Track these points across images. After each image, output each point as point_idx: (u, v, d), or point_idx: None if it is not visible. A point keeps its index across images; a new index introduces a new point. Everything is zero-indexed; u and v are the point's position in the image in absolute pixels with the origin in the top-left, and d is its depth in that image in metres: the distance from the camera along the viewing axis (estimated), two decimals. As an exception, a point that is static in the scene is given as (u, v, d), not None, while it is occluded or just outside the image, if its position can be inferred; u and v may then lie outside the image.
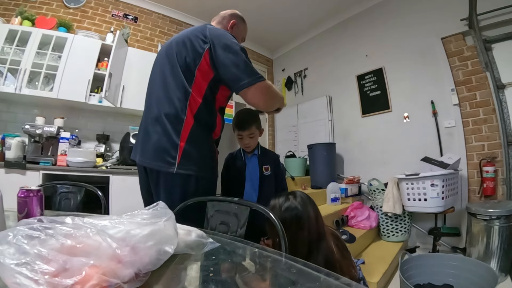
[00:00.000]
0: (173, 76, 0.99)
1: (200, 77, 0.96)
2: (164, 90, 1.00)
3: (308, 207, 0.95)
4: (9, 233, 0.36)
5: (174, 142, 0.95)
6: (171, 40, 1.08)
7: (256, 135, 1.37)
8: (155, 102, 1.03)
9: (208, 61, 0.95)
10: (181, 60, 0.98)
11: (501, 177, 2.11)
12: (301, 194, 1.00)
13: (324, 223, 1.01)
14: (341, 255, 0.97)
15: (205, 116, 1.00)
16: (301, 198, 0.97)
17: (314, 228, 0.93)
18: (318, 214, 0.98)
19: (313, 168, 3.17)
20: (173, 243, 0.49)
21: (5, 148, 2.01)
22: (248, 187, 1.38)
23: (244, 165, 1.40)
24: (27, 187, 0.65)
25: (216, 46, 0.94)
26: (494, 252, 1.70)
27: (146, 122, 1.04)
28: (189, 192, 0.97)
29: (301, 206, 0.94)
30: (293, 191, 1.03)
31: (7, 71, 2.17)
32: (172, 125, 0.96)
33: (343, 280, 0.43)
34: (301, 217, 0.92)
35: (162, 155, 0.95)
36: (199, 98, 0.97)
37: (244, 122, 1.33)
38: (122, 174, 2.19)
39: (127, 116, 2.79)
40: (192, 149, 0.96)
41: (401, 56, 2.84)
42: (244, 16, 1.24)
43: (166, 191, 0.98)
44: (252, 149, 1.41)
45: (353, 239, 2.00)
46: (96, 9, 2.87)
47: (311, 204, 0.97)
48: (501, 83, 2.16)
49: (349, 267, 0.98)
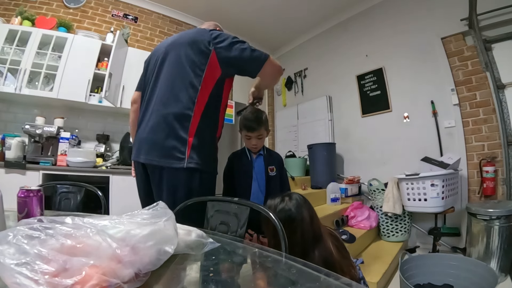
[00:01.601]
0: (180, 76, 1.02)
1: (208, 75, 1.01)
2: (171, 89, 1.02)
3: (302, 209, 0.95)
4: (9, 233, 0.36)
5: (182, 138, 0.97)
6: (172, 41, 1.10)
7: (264, 136, 1.38)
8: (160, 100, 1.04)
9: (216, 59, 1.00)
10: (188, 59, 1.01)
11: (501, 177, 2.11)
12: (297, 196, 1.00)
13: (321, 224, 1.01)
14: (341, 255, 0.97)
15: (211, 113, 1.04)
16: (296, 200, 0.98)
17: (309, 229, 0.93)
18: (314, 216, 0.98)
19: (313, 168, 3.17)
20: (173, 243, 0.49)
21: (5, 148, 2.01)
22: (255, 187, 1.38)
23: (250, 165, 1.40)
24: (27, 187, 0.65)
25: (224, 42, 1.00)
26: (494, 252, 1.70)
27: (149, 120, 1.04)
28: (193, 187, 0.98)
29: (295, 208, 0.94)
30: (289, 193, 1.03)
31: (7, 71, 2.17)
32: (179, 122, 0.98)
33: (343, 280, 0.43)
34: (294, 219, 0.92)
35: (171, 152, 0.97)
36: (207, 96, 1.01)
37: (254, 123, 1.33)
38: (122, 174, 2.19)
39: (127, 116, 2.75)
40: (200, 144, 0.99)
41: (401, 56, 2.84)
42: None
43: (170, 187, 0.99)
44: (259, 149, 1.41)
45: (353, 239, 2.00)
46: (96, 9, 2.87)
47: (306, 206, 0.98)
48: (501, 83, 2.16)
49: (349, 267, 0.98)
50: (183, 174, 0.97)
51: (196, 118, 0.99)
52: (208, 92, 1.01)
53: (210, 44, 0.99)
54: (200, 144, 0.99)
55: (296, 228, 0.92)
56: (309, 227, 0.94)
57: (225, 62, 1.00)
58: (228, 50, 0.99)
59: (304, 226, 0.93)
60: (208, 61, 0.99)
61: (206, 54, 0.99)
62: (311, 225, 0.95)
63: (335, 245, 0.98)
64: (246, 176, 1.39)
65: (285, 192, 1.04)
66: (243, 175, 1.39)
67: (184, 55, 1.02)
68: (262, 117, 1.36)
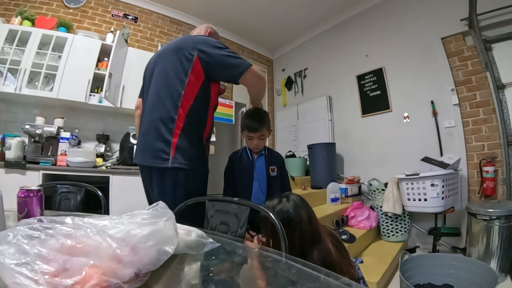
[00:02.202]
0: (165, 83, 1.09)
1: (193, 79, 1.06)
2: (157, 95, 1.11)
3: (300, 210, 0.95)
4: (9, 233, 0.36)
5: (166, 140, 1.04)
6: (160, 52, 1.20)
7: (266, 136, 1.37)
8: (150, 107, 1.13)
9: (200, 64, 1.05)
10: (172, 67, 1.08)
11: (501, 177, 2.11)
12: (295, 197, 1.00)
13: (320, 224, 1.01)
14: (340, 255, 0.97)
15: (196, 115, 1.08)
16: (293, 201, 0.97)
17: (307, 230, 0.93)
18: (312, 216, 0.98)
19: (313, 168, 3.17)
20: (173, 243, 0.49)
21: (5, 148, 2.01)
22: (256, 187, 1.37)
23: (252, 165, 1.39)
24: (27, 187, 0.65)
25: (206, 48, 1.05)
26: (494, 252, 1.70)
27: (143, 125, 1.14)
28: (180, 186, 1.03)
29: (293, 209, 0.94)
30: (286, 194, 1.03)
31: (7, 71, 2.17)
32: (165, 126, 1.05)
33: (343, 280, 0.43)
34: (292, 220, 0.92)
35: (158, 153, 1.04)
36: (191, 99, 1.06)
37: (256, 123, 1.32)
38: (122, 174, 2.19)
39: (127, 116, 2.80)
40: (184, 144, 1.04)
41: (401, 56, 2.84)
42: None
43: (158, 186, 1.06)
44: (260, 150, 1.40)
45: (353, 239, 2.01)
46: (96, 9, 2.87)
47: (304, 206, 0.98)
48: (501, 83, 2.16)
49: (348, 266, 0.98)
50: (169, 173, 1.03)
51: (180, 121, 1.04)
52: (193, 95, 1.06)
53: (193, 50, 1.05)
54: (185, 144, 1.04)
55: (295, 229, 0.92)
56: (308, 228, 0.94)
57: (207, 67, 1.05)
58: (210, 56, 1.04)
59: (303, 227, 0.93)
60: (192, 66, 1.04)
61: (190, 60, 1.05)
62: (309, 225, 0.95)
63: (334, 244, 0.98)
64: (247, 176, 1.38)
65: (283, 193, 1.04)
66: (244, 175, 1.39)
67: (170, 64, 1.09)
68: (265, 117, 1.35)
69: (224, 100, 2.87)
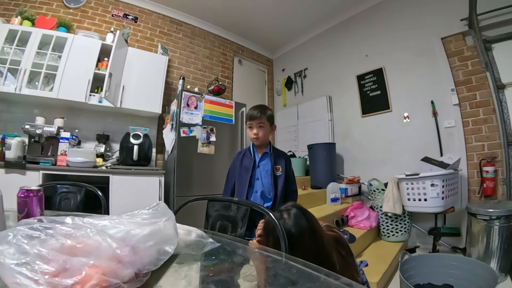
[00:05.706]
0: None
1: None
2: None
3: (302, 223, 0.86)
4: (9, 233, 0.36)
5: None
6: None
7: (266, 126, 1.36)
8: None
9: None
10: None
11: (501, 177, 2.11)
12: (295, 211, 0.90)
13: (324, 233, 0.93)
14: (345, 265, 0.92)
15: None
16: (294, 216, 0.88)
17: (311, 249, 0.85)
18: (316, 231, 0.89)
19: (313, 168, 3.17)
20: (173, 243, 0.49)
21: (5, 148, 2.01)
22: (258, 186, 1.36)
23: (253, 163, 1.38)
24: (27, 187, 0.65)
25: None
26: (494, 252, 1.69)
27: None
28: None
29: (295, 228, 0.85)
30: (287, 206, 0.93)
31: (7, 71, 2.16)
32: None
33: (343, 280, 0.43)
34: (294, 237, 0.83)
35: None
36: None
37: (256, 110, 1.35)
38: (122, 174, 2.19)
39: (127, 116, 2.79)
40: None
41: (401, 56, 2.84)
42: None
43: None
44: (261, 142, 1.38)
45: (353, 239, 2.00)
46: (96, 9, 2.87)
47: (306, 218, 0.89)
48: (501, 83, 2.16)
49: (353, 274, 0.96)
50: None
51: None
52: None
53: None
54: None
55: (297, 247, 0.83)
56: (311, 246, 0.86)
57: None
58: None
59: (306, 245, 0.85)
60: None
61: None
62: (313, 242, 0.87)
63: (340, 254, 0.92)
64: (245, 173, 1.38)
65: (284, 205, 0.95)
66: (243, 172, 1.39)
67: None
68: (266, 108, 1.37)
69: (224, 100, 2.87)
